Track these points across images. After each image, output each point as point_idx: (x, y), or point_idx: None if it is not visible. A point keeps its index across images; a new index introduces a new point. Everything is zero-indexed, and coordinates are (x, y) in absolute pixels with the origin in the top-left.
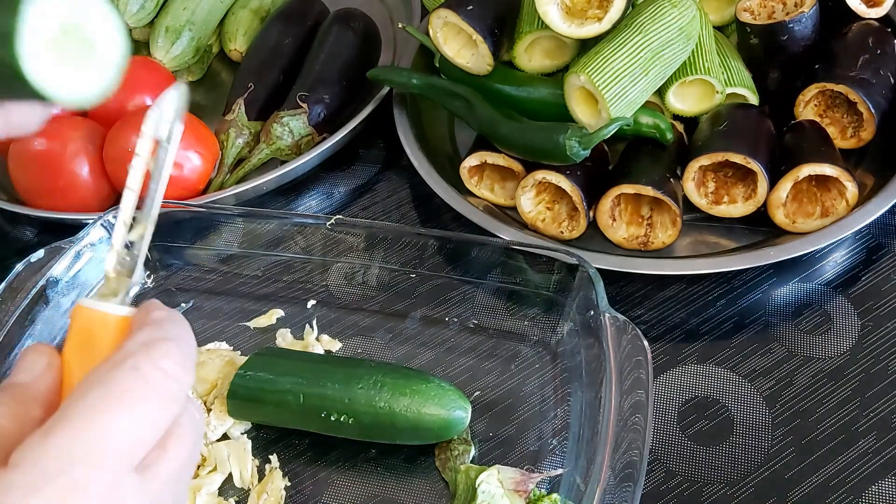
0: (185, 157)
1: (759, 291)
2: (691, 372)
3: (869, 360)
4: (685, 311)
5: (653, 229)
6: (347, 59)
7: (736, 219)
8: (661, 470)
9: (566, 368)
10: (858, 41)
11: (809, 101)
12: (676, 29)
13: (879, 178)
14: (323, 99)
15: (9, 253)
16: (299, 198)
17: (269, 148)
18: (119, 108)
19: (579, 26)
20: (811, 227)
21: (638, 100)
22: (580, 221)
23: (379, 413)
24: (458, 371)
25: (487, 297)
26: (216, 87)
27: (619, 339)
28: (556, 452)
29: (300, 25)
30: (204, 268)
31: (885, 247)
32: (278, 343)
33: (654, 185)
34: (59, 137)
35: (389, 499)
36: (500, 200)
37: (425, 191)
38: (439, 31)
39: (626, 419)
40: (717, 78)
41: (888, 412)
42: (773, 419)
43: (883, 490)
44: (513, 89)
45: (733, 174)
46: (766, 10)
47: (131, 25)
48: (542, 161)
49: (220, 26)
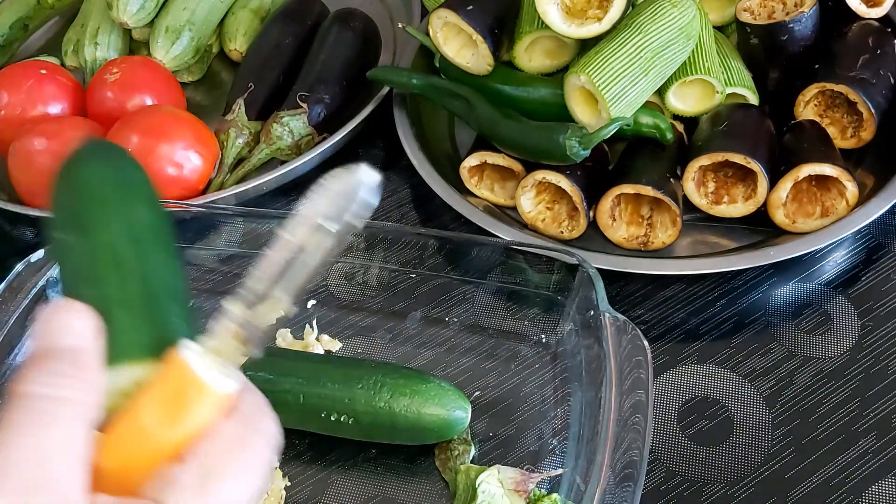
0: (184, 157)
1: (759, 291)
2: (691, 372)
3: (869, 360)
4: (685, 311)
5: (653, 229)
6: (347, 59)
7: (736, 219)
8: (661, 470)
9: (566, 368)
10: (858, 41)
11: (809, 101)
12: (676, 29)
13: (879, 178)
14: (323, 99)
15: (9, 253)
16: (299, 198)
17: (269, 148)
18: (119, 108)
19: (579, 26)
20: (811, 227)
21: (638, 100)
22: (580, 221)
23: (379, 413)
24: (458, 371)
25: (487, 297)
26: (216, 87)
27: (619, 339)
28: (556, 452)
29: (300, 25)
30: (204, 268)
31: (885, 247)
32: (278, 343)
33: (654, 185)
34: (59, 137)
35: (389, 499)
36: (500, 200)
37: (425, 191)
38: (439, 31)
39: (626, 419)
40: (717, 78)
41: (888, 412)
42: (773, 419)
43: (883, 490)
44: (513, 89)
45: (733, 174)
46: (766, 10)
47: (131, 25)
48: (542, 161)
49: (220, 26)
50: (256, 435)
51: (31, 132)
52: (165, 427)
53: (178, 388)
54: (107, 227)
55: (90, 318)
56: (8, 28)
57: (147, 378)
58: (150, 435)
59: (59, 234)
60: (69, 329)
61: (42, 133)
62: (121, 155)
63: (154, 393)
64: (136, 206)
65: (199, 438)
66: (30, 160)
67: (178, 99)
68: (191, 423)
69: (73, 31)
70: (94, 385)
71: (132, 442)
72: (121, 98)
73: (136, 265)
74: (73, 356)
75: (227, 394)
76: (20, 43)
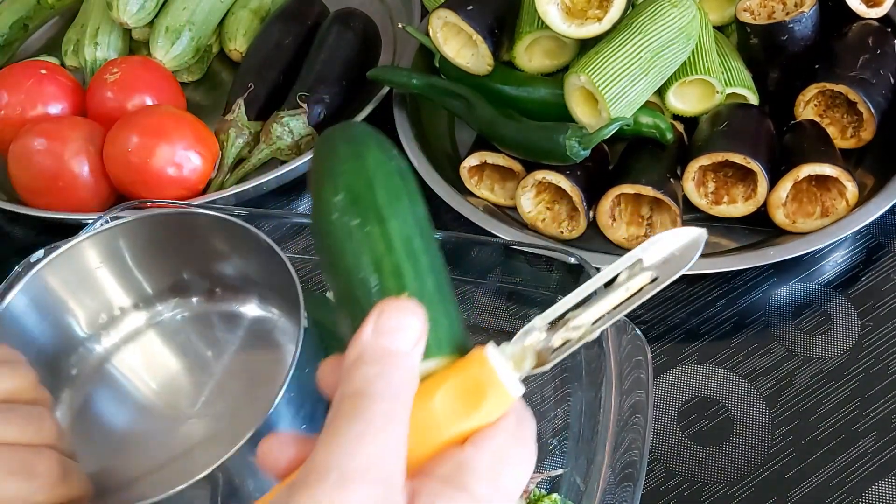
0: (184, 157)
1: (759, 291)
2: (691, 372)
3: (869, 360)
4: (685, 311)
5: (653, 229)
6: (347, 59)
7: (736, 219)
8: (661, 470)
9: (566, 368)
10: (858, 41)
11: (809, 101)
12: (676, 29)
13: (879, 178)
14: (323, 99)
15: (9, 253)
16: (299, 198)
17: (269, 148)
18: (119, 108)
19: (579, 26)
20: (811, 227)
21: (638, 100)
22: (580, 221)
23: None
24: None
25: (487, 297)
26: (216, 87)
27: (619, 339)
28: (556, 452)
29: (300, 25)
30: None
31: (885, 247)
32: None
33: (654, 185)
34: (59, 137)
35: None
36: (500, 200)
37: (425, 191)
38: (439, 31)
39: (626, 419)
40: (717, 78)
41: (888, 412)
42: (773, 419)
43: (883, 490)
44: (513, 89)
45: (733, 174)
46: (766, 10)
47: (131, 25)
48: (542, 161)
49: (220, 26)
50: (530, 433)
51: (31, 132)
52: (459, 417)
53: (478, 384)
54: (400, 217)
55: (423, 320)
56: (8, 28)
57: (439, 370)
58: (443, 421)
59: (343, 217)
60: (406, 330)
61: (42, 133)
62: (390, 145)
63: (453, 383)
64: (417, 200)
65: (484, 430)
66: (30, 160)
67: (178, 99)
68: (481, 417)
69: (73, 31)
70: (415, 391)
71: (425, 426)
72: (121, 98)
73: (427, 259)
74: (407, 364)
75: (514, 397)
76: (20, 43)
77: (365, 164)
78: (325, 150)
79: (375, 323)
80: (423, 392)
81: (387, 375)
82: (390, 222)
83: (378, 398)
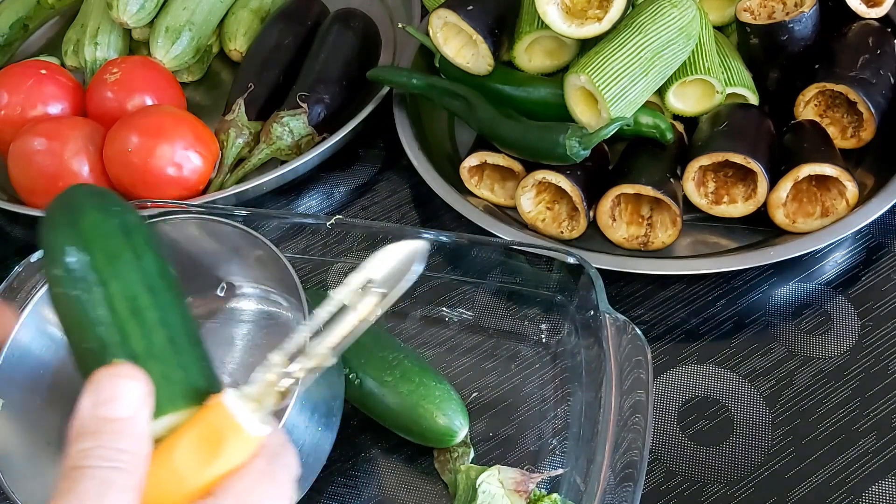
0: (184, 157)
1: (759, 291)
2: (691, 372)
3: (869, 360)
4: (685, 311)
5: (653, 229)
6: (347, 59)
7: (736, 219)
8: (661, 470)
9: (566, 368)
10: (858, 41)
11: (809, 101)
12: (676, 29)
13: (879, 178)
14: (323, 99)
15: (9, 253)
16: (299, 198)
17: (269, 148)
18: (119, 108)
19: (579, 26)
20: (811, 227)
21: (638, 100)
22: (580, 221)
23: (384, 384)
24: (458, 371)
25: (487, 297)
26: (216, 87)
27: (619, 339)
28: (556, 452)
29: (300, 25)
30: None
31: (885, 247)
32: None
33: (654, 185)
34: (59, 137)
35: (389, 499)
36: (500, 200)
37: (425, 191)
38: (439, 31)
39: (626, 419)
40: (717, 78)
41: (888, 412)
42: (773, 419)
43: (883, 490)
44: (513, 89)
45: (733, 174)
46: (766, 10)
47: (131, 25)
48: (542, 161)
49: (220, 26)
50: (282, 469)
51: (31, 132)
52: (201, 467)
53: (216, 431)
54: (121, 277)
55: (142, 382)
56: (8, 28)
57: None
58: (186, 475)
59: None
60: (122, 398)
61: (42, 133)
62: (116, 201)
63: (191, 436)
64: (145, 254)
65: (229, 476)
66: (30, 160)
67: (178, 99)
68: (225, 463)
69: (73, 31)
70: (146, 452)
71: (168, 482)
72: (121, 98)
73: (156, 314)
74: (128, 429)
75: (259, 437)
76: (20, 43)
77: (80, 230)
78: (45, 222)
79: (92, 395)
80: (162, 449)
81: (105, 446)
82: (110, 285)
83: (93, 471)
